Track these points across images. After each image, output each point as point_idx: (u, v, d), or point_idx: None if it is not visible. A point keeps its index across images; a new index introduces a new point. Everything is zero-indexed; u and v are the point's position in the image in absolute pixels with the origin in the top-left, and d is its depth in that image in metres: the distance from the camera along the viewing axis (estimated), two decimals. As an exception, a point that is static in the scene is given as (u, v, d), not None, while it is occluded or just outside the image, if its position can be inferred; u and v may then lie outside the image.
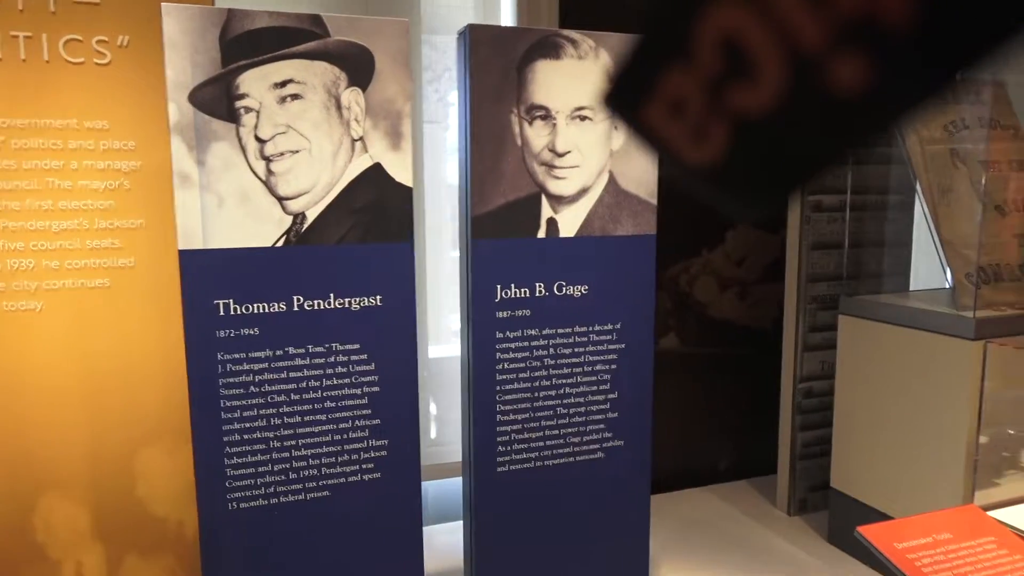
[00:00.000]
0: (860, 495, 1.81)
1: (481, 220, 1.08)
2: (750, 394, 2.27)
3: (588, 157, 1.10)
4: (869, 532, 1.26)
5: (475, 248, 1.08)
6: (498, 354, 1.10)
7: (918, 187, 1.68)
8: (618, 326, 1.16)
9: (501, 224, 1.08)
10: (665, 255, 2.18)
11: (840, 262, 1.94)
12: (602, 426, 1.17)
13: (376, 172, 1.02)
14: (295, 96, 0.97)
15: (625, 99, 0.28)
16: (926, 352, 1.59)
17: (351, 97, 1.00)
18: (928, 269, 2.01)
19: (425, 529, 1.87)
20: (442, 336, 2.07)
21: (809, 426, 2.01)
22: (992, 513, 1.34)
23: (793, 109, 0.24)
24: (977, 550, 1.22)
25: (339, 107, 0.99)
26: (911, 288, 2.06)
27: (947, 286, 1.65)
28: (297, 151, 0.98)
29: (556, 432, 1.15)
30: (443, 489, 2.08)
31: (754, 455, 2.26)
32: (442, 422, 2.02)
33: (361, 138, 1.01)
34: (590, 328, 1.15)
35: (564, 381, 1.14)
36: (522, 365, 1.12)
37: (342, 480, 1.04)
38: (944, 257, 1.63)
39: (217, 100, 0.96)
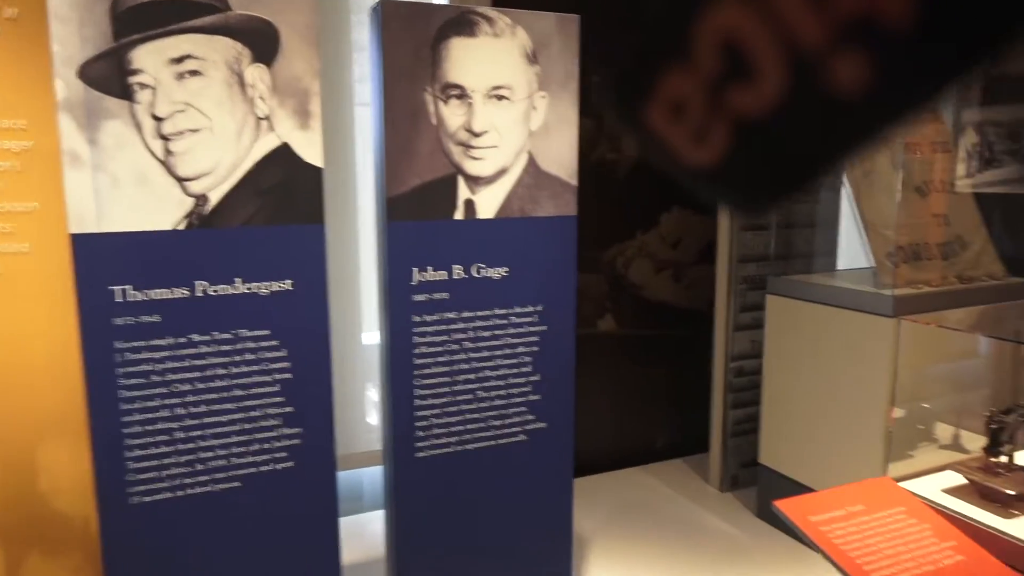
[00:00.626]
0: (787, 470, 1.86)
1: (396, 201, 1.05)
2: (686, 374, 2.30)
3: (506, 137, 1.09)
4: (786, 506, 1.29)
5: (390, 230, 1.05)
6: (415, 338, 1.08)
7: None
8: (539, 308, 1.15)
9: (416, 205, 1.06)
10: (601, 238, 2.19)
11: (771, 243, 1.97)
12: (524, 409, 1.17)
13: (284, 152, 0.99)
14: (194, 72, 0.93)
15: (625, 99, 0.28)
16: (848, 329, 1.63)
17: (255, 74, 0.96)
18: (856, 249, 2.06)
19: (355, 517, 1.85)
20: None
21: (740, 404, 2.05)
22: (905, 484, 1.38)
23: (793, 110, 0.24)
24: (887, 520, 1.26)
25: (242, 84, 0.96)
26: (838, 268, 2.11)
27: (871, 266, 1.69)
28: (197, 130, 0.94)
29: (477, 416, 1.14)
30: (380, 476, 2.06)
31: (689, 433, 2.30)
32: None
33: (267, 117, 0.98)
34: (510, 311, 1.14)
35: (484, 364, 1.13)
36: (440, 349, 1.10)
37: (253, 470, 1.01)
38: (866, 237, 1.67)
39: (109, 76, 0.91)
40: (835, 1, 0.22)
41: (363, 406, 1.95)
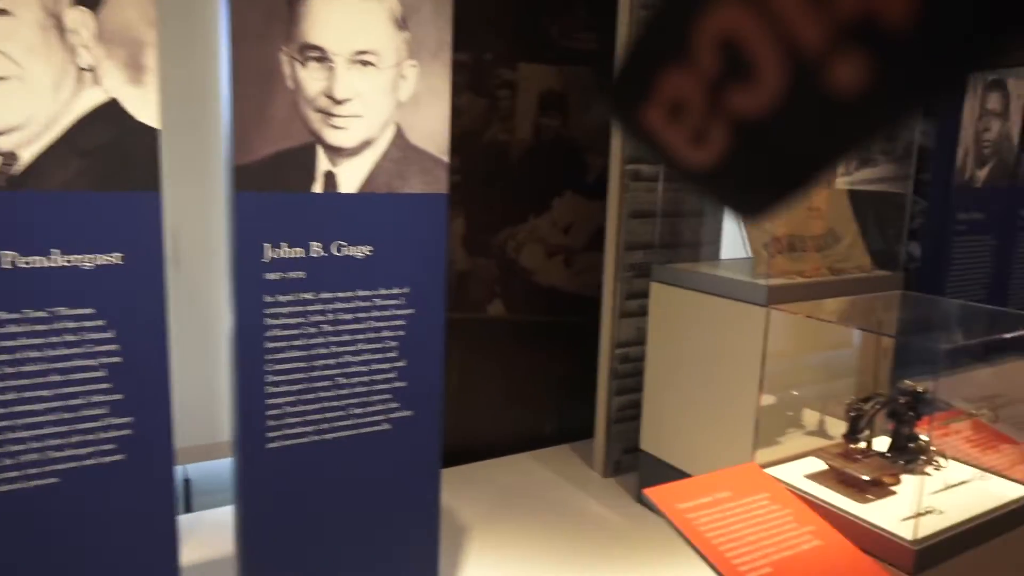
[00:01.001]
0: (666, 456, 1.88)
1: (246, 171, 0.96)
2: (575, 359, 2.30)
3: (372, 107, 1.02)
4: (655, 494, 1.29)
5: (239, 201, 0.97)
6: (267, 319, 1.00)
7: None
8: (406, 290, 1.09)
9: (269, 176, 0.98)
10: (492, 221, 2.15)
11: (656, 231, 1.98)
12: (388, 396, 1.11)
13: (112, 109, 0.88)
14: (1, 12, 0.81)
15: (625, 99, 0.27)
16: (726, 318, 1.65)
17: (77, 18, 0.85)
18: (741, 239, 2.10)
19: (204, 513, 1.73)
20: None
21: (625, 390, 2.06)
22: (771, 470, 1.41)
23: (792, 109, 0.24)
24: (752, 506, 1.27)
25: (61, 29, 0.84)
26: (722, 257, 2.15)
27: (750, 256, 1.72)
28: (5, 78, 0.82)
29: (336, 404, 1.07)
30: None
31: (578, 419, 2.30)
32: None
33: (91, 68, 0.87)
34: (375, 292, 1.07)
35: (345, 349, 1.06)
36: (296, 332, 1.02)
37: (74, 464, 0.91)
38: (744, 228, 1.69)
39: None
40: (834, 2, 0.22)
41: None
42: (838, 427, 1.49)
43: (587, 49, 2.17)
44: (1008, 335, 1.22)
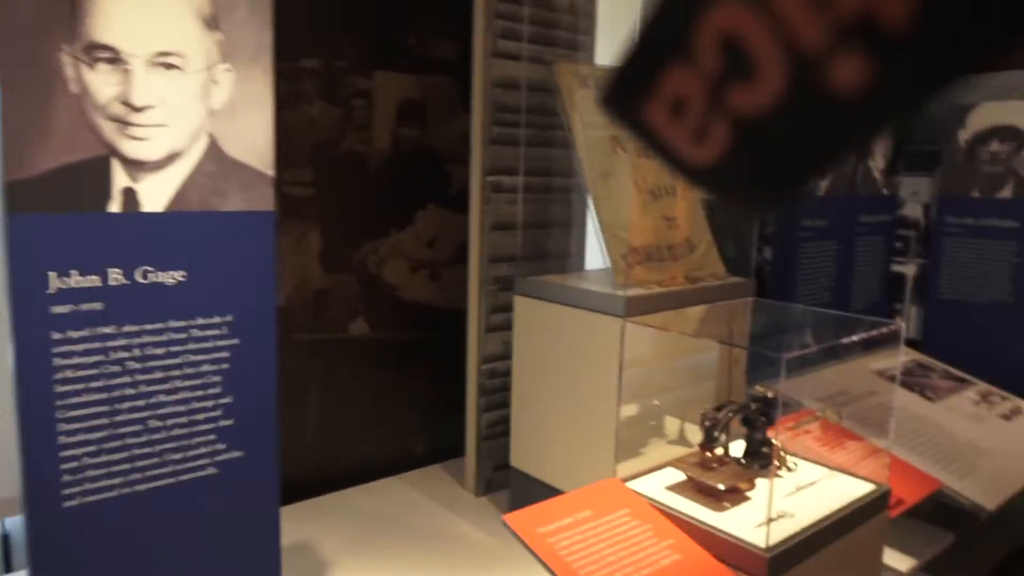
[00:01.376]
0: (536, 472, 1.85)
1: (22, 188, 0.83)
2: (445, 376, 2.23)
3: (178, 115, 0.90)
4: (514, 520, 1.23)
5: (14, 224, 0.83)
6: (56, 359, 0.86)
7: (581, 171, 1.72)
8: (229, 319, 0.98)
9: (53, 193, 0.84)
10: (350, 236, 2.04)
11: (525, 242, 1.94)
12: (213, 437, 0.99)
13: None
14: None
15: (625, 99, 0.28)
16: (587, 330, 1.63)
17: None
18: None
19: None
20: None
21: (494, 406, 2.01)
22: (634, 483, 1.39)
23: (793, 108, 0.24)
24: (613, 524, 1.24)
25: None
26: (588, 269, 2.15)
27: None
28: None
29: (149, 451, 0.95)
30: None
31: (450, 438, 2.24)
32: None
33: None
34: (191, 322, 0.95)
35: (157, 388, 0.94)
36: (94, 372, 0.89)
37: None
38: (602, 239, 1.69)
39: None
40: (835, 1, 0.22)
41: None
42: (698, 436, 1.50)
43: (446, 58, 2.12)
44: (845, 340, 1.25)
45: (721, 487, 1.26)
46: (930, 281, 2.40)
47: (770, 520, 1.17)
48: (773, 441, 1.38)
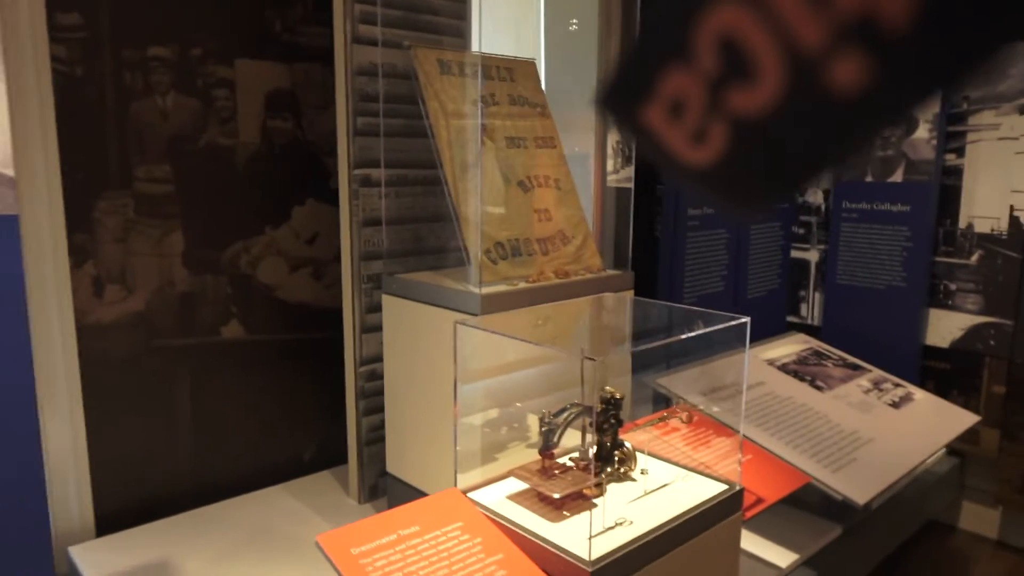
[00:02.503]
0: (410, 478, 1.77)
1: None
2: (330, 379, 2.14)
3: None
4: (327, 540, 1.15)
5: None
6: None
7: (439, 162, 1.64)
8: (-29, 336, 0.89)
9: None
10: (216, 235, 1.93)
11: (397, 238, 1.86)
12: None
13: None
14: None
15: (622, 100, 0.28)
16: (447, 330, 1.55)
17: None
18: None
19: None
20: None
21: (375, 409, 1.93)
22: (475, 493, 1.32)
23: (792, 109, 0.24)
24: (440, 540, 1.17)
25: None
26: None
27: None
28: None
29: None
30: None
31: (339, 442, 2.15)
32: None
33: None
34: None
35: None
36: None
37: None
38: (462, 234, 1.61)
39: None
40: (833, 1, 0.22)
41: None
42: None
43: (317, 45, 2.01)
44: (683, 336, 1.20)
45: (556, 495, 1.20)
46: (828, 267, 2.38)
47: (592, 534, 1.11)
48: (626, 444, 1.32)
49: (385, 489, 1.96)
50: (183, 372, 1.92)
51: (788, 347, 2.23)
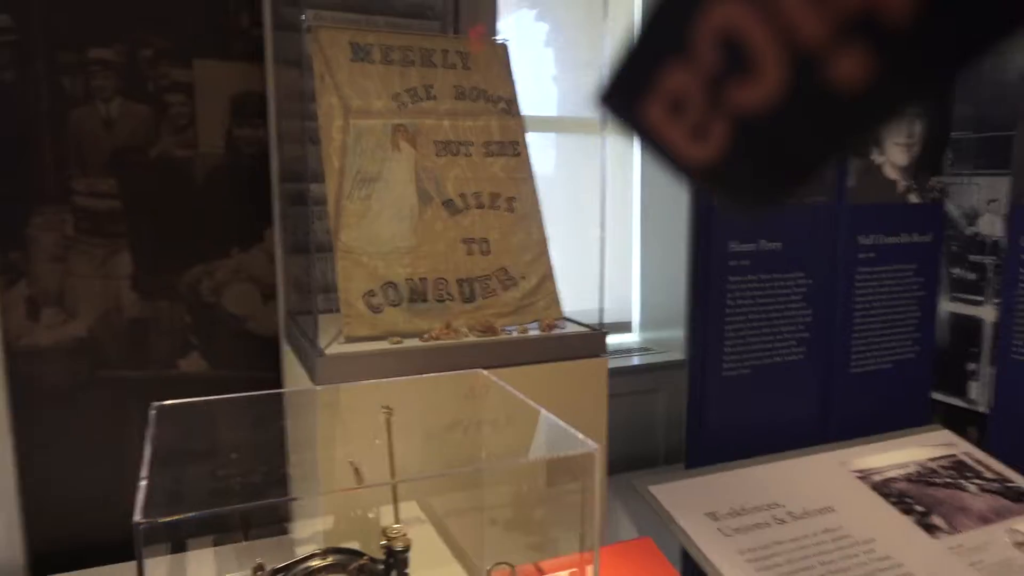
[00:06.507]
0: None
1: None
2: (307, 427, 1.83)
3: None
4: None
5: None
6: None
7: (324, 171, 1.25)
8: None
9: None
10: (171, 257, 1.71)
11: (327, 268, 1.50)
12: None
13: None
14: None
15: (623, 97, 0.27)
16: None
17: None
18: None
19: None
20: None
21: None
22: None
23: (793, 105, 0.23)
24: None
25: None
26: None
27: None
28: None
29: None
30: None
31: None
32: None
33: None
34: None
35: None
36: None
37: None
38: (337, 268, 1.20)
39: None
40: None
41: None
42: None
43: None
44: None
45: None
46: (1001, 332, 1.59)
47: None
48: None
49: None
50: (134, 406, 1.73)
51: (912, 450, 1.49)
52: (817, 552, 1.16)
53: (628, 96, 0.27)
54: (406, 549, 0.79)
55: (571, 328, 1.26)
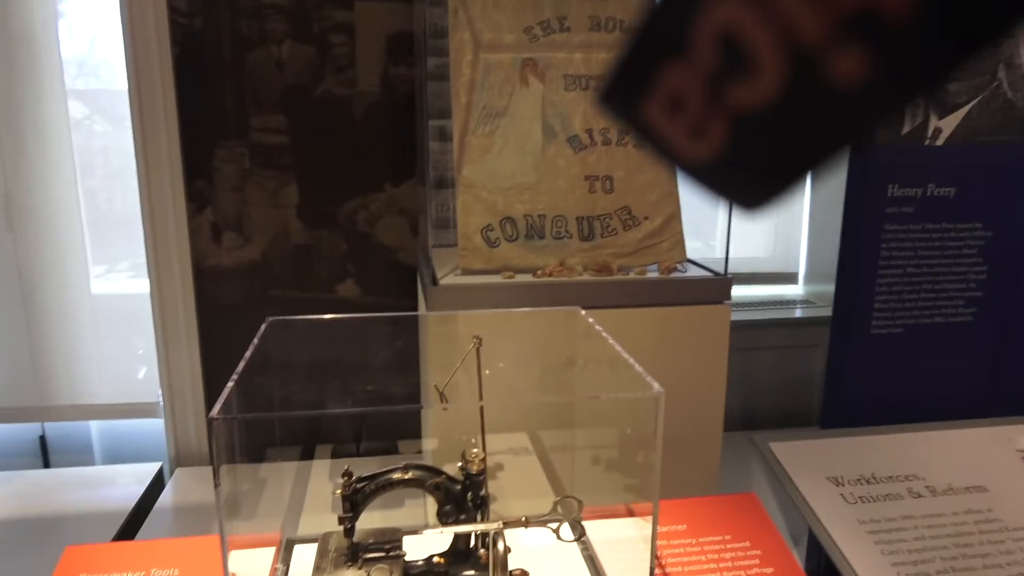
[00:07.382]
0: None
1: None
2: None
3: None
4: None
5: None
6: None
7: (453, 107, 1.28)
8: None
9: None
10: (333, 188, 1.84)
11: (464, 204, 1.54)
12: None
13: None
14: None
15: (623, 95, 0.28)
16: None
17: None
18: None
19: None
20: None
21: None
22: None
23: (793, 102, 0.24)
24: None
25: None
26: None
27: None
28: None
29: None
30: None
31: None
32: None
33: None
34: None
35: None
36: None
37: None
38: (458, 203, 1.24)
39: None
40: None
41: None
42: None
43: (443, -23, 1.75)
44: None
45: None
46: None
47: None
48: (499, 543, 0.87)
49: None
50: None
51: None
52: (955, 533, 1.05)
53: (628, 95, 0.28)
54: (481, 472, 0.82)
55: (693, 272, 1.21)
